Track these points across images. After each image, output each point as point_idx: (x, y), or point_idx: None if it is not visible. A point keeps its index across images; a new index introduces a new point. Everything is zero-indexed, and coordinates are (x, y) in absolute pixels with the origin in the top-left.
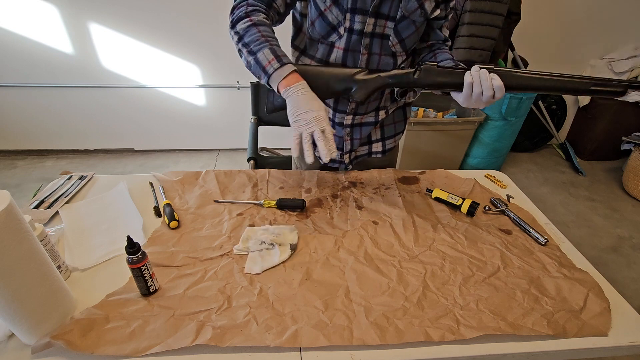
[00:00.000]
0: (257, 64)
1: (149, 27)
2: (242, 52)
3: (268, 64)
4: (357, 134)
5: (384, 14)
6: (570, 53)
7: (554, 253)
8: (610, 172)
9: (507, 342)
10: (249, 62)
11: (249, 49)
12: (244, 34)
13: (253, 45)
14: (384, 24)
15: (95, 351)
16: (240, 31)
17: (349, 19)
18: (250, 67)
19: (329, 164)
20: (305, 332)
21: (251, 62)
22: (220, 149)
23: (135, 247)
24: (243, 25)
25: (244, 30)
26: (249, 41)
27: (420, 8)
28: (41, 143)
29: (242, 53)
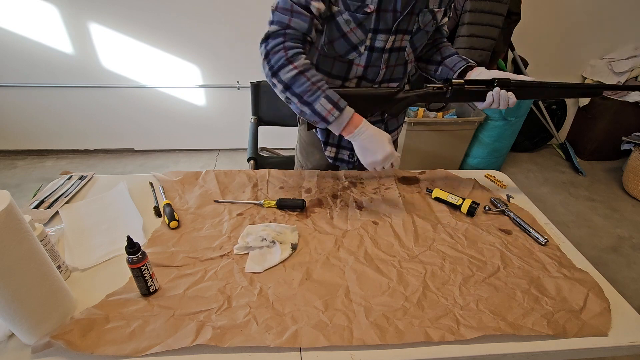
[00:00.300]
0: (314, 114)
1: (149, 27)
2: (291, 100)
3: (328, 113)
4: None
5: (403, 29)
6: (570, 53)
7: (554, 253)
8: (610, 172)
9: (507, 342)
10: (302, 112)
11: (302, 100)
12: (292, 84)
13: (306, 96)
14: (402, 38)
15: (95, 351)
16: (286, 81)
17: (371, 37)
18: (305, 115)
19: (337, 162)
20: (305, 332)
21: (306, 111)
22: (220, 149)
23: (135, 247)
24: (288, 75)
25: (291, 80)
26: (301, 92)
27: (433, 19)
28: (41, 143)
29: (291, 101)
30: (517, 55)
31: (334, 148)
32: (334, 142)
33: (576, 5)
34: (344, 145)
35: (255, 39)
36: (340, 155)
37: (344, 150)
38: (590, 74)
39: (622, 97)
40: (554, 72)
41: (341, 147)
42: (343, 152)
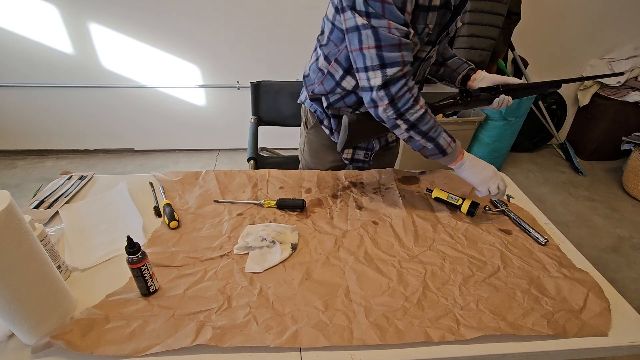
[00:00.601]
0: (436, 148)
1: (149, 27)
2: (413, 138)
3: (448, 146)
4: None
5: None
6: (570, 53)
7: (554, 253)
8: (610, 172)
9: (507, 342)
10: (425, 147)
11: (427, 136)
12: (418, 123)
13: (432, 133)
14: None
15: (95, 351)
16: (413, 120)
17: (419, 49)
18: (425, 150)
19: (353, 163)
20: (305, 332)
21: (428, 146)
22: (220, 149)
23: (135, 247)
24: (416, 115)
25: (418, 119)
26: (427, 129)
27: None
28: (41, 143)
29: (413, 139)
30: (517, 55)
31: (350, 150)
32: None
33: (576, 5)
34: (360, 146)
35: (255, 39)
36: (357, 155)
37: (360, 150)
38: (590, 73)
39: (622, 97)
40: (554, 72)
41: (357, 147)
42: (359, 152)
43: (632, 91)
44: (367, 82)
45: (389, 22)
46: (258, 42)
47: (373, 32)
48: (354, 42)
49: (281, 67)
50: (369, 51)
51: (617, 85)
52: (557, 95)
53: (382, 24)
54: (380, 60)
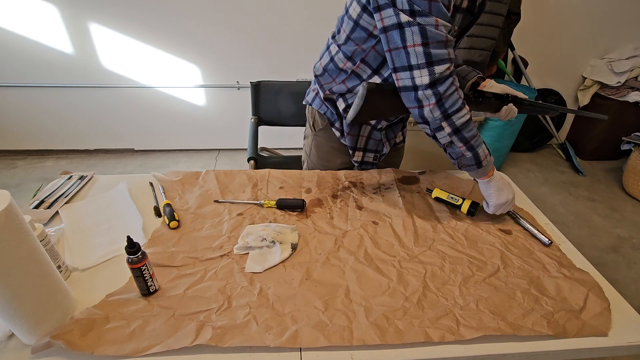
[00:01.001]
0: (473, 158)
1: (149, 27)
2: (454, 144)
3: (484, 159)
4: (391, 134)
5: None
6: (570, 53)
7: (554, 253)
8: (610, 172)
9: (507, 342)
10: (463, 155)
11: (469, 144)
12: (463, 128)
13: (473, 141)
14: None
15: (95, 351)
16: (458, 125)
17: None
18: (463, 159)
19: (362, 166)
20: (305, 332)
21: (467, 155)
22: (220, 149)
23: (135, 247)
24: (462, 120)
25: (464, 124)
26: (470, 136)
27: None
28: (41, 143)
29: (455, 145)
30: (517, 55)
31: (360, 152)
32: (361, 146)
33: (576, 5)
34: (370, 149)
35: (255, 39)
36: (366, 158)
37: (370, 153)
38: (590, 73)
39: (622, 97)
40: (554, 72)
41: (367, 150)
42: (369, 154)
43: (632, 91)
44: (411, 81)
45: (437, 20)
46: (258, 42)
47: (420, 29)
48: (394, 41)
49: (281, 67)
50: (415, 49)
51: (617, 85)
52: (557, 95)
53: (430, 22)
54: (427, 58)
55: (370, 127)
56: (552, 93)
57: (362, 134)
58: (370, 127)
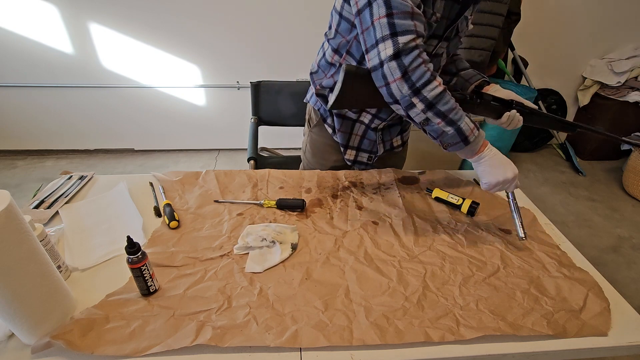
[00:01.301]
0: (457, 133)
1: (149, 27)
2: (431, 121)
3: (470, 133)
4: (387, 136)
5: (447, 36)
6: (570, 53)
7: (553, 252)
8: (610, 172)
9: (507, 342)
10: (444, 132)
11: (447, 118)
12: (437, 102)
13: (452, 114)
14: (442, 45)
15: (95, 351)
16: (430, 99)
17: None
18: (445, 137)
19: (355, 165)
20: (305, 332)
21: (448, 132)
22: (220, 149)
23: (135, 247)
24: (434, 92)
25: (437, 97)
26: (447, 110)
27: (467, 26)
28: (41, 143)
29: (432, 122)
30: (517, 55)
31: (353, 151)
32: (354, 145)
33: (576, 5)
34: (364, 148)
35: (255, 39)
36: (360, 158)
37: (363, 152)
38: (590, 73)
39: (622, 97)
40: (554, 72)
41: (360, 149)
42: (362, 154)
43: (632, 91)
44: (378, 58)
45: None
46: (258, 42)
47: (385, 1)
48: (365, 19)
49: (281, 67)
50: (380, 21)
51: (617, 85)
52: (557, 95)
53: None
54: (391, 28)
55: (365, 126)
56: (552, 93)
57: (356, 132)
58: (364, 126)
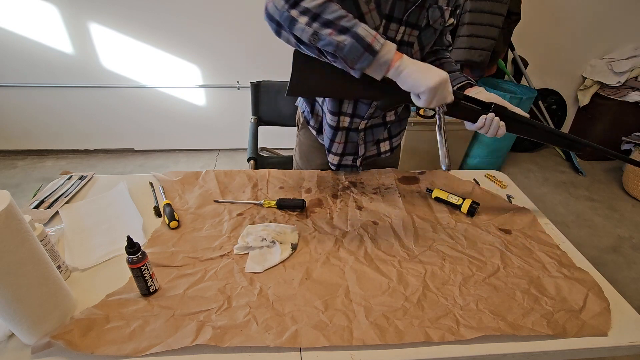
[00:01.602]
0: (356, 42)
1: (149, 27)
2: (320, 35)
3: (373, 39)
4: (370, 137)
5: (412, 22)
6: (570, 53)
7: (553, 252)
8: (610, 172)
9: (507, 342)
10: (340, 44)
11: (339, 26)
12: (322, 11)
13: (344, 21)
14: (410, 32)
15: (95, 351)
16: (313, 9)
17: (384, 25)
18: (343, 50)
19: (339, 169)
20: (305, 332)
21: (345, 42)
22: (220, 149)
23: (135, 247)
24: (316, 2)
25: (320, 6)
26: (335, 17)
27: (441, 16)
28: (41, 143)
29: (321, 36)
30: (517, 55)
31: (337, 156)
32: (338, 151)
33: (576, 6)
34: (347, 152)
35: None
36: (344, 161)
37: (348, 156)
38: (590, 73)
39: (622, 97)
40: (554, 72)
41: (345, 154)
42: (347, 158)
43: (632, 91)
44: None
45: None
46: (258, 42)
47: None
48: None
49: (281, 67)
50: None
51: (617, 85)
52: (557, 95)
53: None
54: None
55: (346, 131)
56: (552, 93)
57: (339, 140)
58: (345, 130)
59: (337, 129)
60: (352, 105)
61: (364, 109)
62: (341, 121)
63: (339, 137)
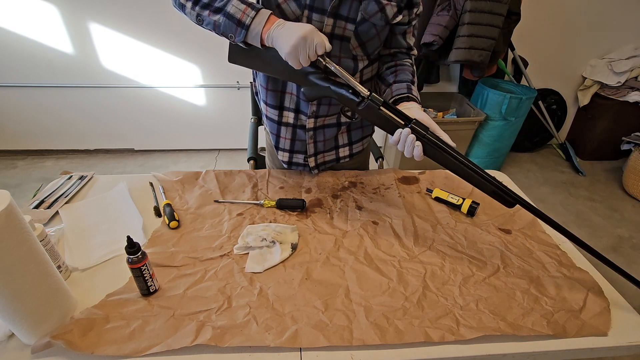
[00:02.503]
0: (228, 20)
1: (149, 27)
2: (202, 16)
3: (243, 14)
4: (321, 137)
5: (343, 15)
6: (570, 53)
7: (553, 252)
8: (610, 172)
9: (507, 342)
10: (216, 23)
11: (213, 7)
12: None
13: (218, 2)
14: (344, 26)
15: (95, 351)
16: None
17: (307, 16)
18: (220, 28)
19: (292, 167)
20: (305, 332)
21: (219, 21)
22: (220, 149)
23: (135, 247)
24: None
25: None
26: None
27: (380, 12)
28: (41, 143)
29: (202, 17)
30: (517, 55)
31: (286, 153)
32: (286, 147)
33: (576, 6)
34: (297, 150)
35: None
36: (295, 159)
37: (298, 154)
38: (590, 74)
39: (622, 97)
40: (554, 72)
41: (294, 151)
42: (297, 156)
43: (632, 91)
44: None
45: None
46: None
47: None
48: None
49: None
50: None
51: (617, 85)
52: (557, 95)
53: None
54: None
55: (292, 127)
56: (552, 93)
57: (284, 135)
58: (291, 127)
59: (279, 124)
60: (295, 101)
61: (305, 106)
62: (284, 116)
63: (284, 132)
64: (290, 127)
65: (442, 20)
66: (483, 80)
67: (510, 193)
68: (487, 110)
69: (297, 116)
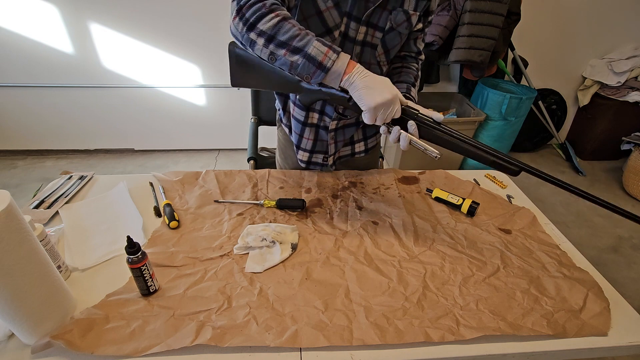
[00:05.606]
0: (308, 61)
1: (149, 27)
2: (276, 55)
3: (324, 57)
4: (341, 137)
5: (373, 23)
6: (570, 53)
7: (553, 252)
8: (610, 172)
9: (507, 342)
10: (293, 64)
11: (292, 47)
12: (276, 32)
13: (296, 42)
14: (373, 34)
15: (95, 351)
16: (267, 30)
17: (345, 23)
18: (297, 69)
19: (309, 166)
20: (305, 332)
21: (298, 61)
22: (220, 149)
23: (135, 247)
24: (270, 23)
25: (274, 28)
26: (288, 38)
27: (407, 21)
28: (41, 143)
29: (277, 56)
30: (517, 55)
31: (307, 153)
32: (307, 147)
33: (576, 6)
34: (317, 150)
35: None
36: (314, 159)
37: (318, 154)
38: (590, 74)
39: (622, 97)
40: (554, 72)
41: (315, 151)
42: (317, 155)
43: (632, 91)
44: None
45: None
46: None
47: None
48: None
49: None
50: None
51: (617, 85)
52: (557, 95)
53: None
54: None
55: (315, 127)
56: (552, 93)
57: (307, 136)
58: (315, 127)
59: (305, 124)
60: (320, 103)
61: (331, 109)
62: (310, 117)
63: (308, 133)
64: (314, 128)
65: (442, 20)
66: (483, 80)
67: (511, 160)
68: (487, 110)
69: (322, 117)
